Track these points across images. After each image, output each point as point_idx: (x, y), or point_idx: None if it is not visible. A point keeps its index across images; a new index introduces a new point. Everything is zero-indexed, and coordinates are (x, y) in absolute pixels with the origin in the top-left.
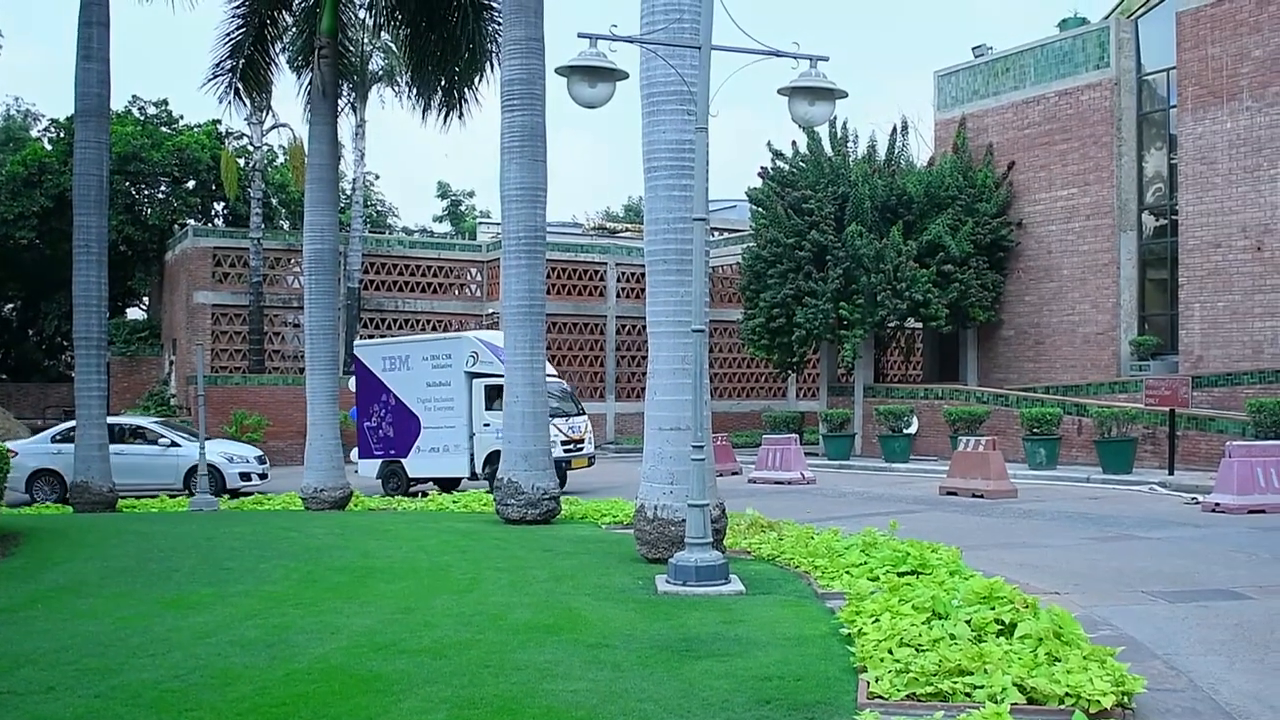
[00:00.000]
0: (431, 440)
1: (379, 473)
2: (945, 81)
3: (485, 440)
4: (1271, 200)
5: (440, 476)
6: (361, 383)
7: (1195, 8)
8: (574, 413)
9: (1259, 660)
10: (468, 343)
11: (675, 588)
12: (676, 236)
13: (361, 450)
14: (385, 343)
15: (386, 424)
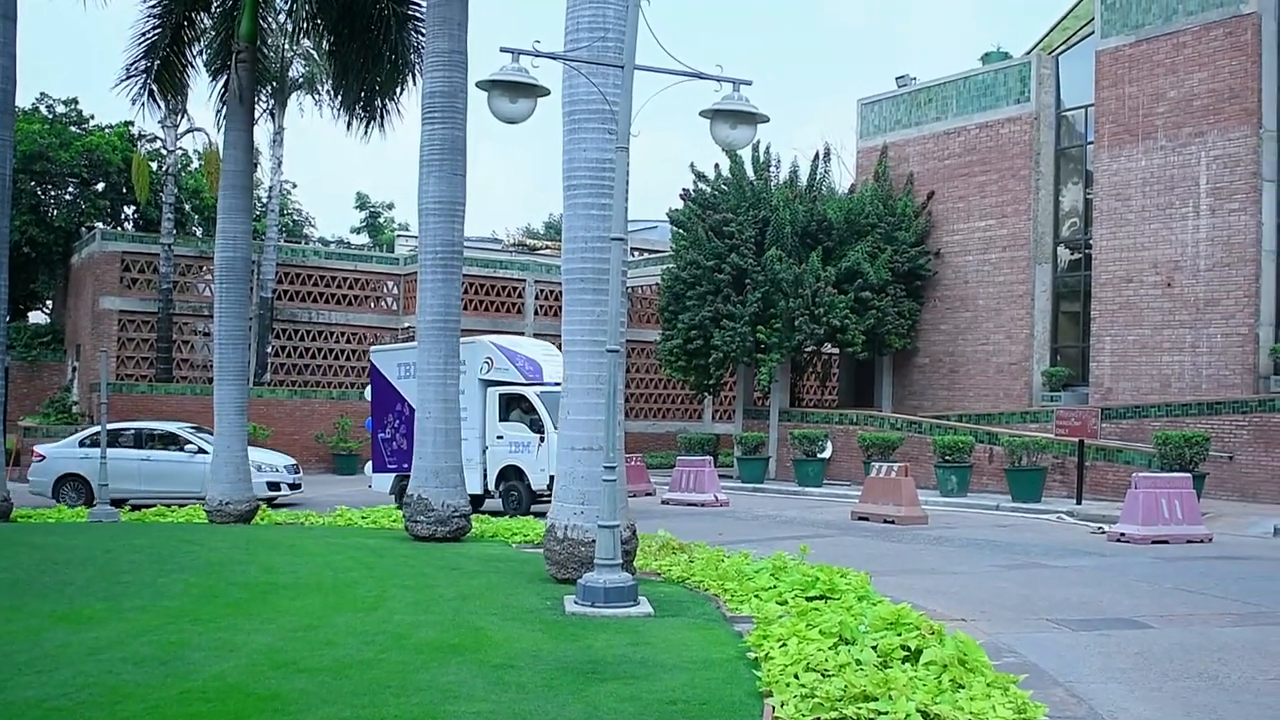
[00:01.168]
0: None
1: (392, 488)
2: (868, 110)
3: (498, 455)
4: (1182, 238)
5: None
6: (377, 391)
7: (1114, 48)
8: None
9: (1157, 688)
10: (482, 348)
11: (583, 609)
12: (594, 255)
13: (375, 463)
14: (401, 347)
15: (400, 435)
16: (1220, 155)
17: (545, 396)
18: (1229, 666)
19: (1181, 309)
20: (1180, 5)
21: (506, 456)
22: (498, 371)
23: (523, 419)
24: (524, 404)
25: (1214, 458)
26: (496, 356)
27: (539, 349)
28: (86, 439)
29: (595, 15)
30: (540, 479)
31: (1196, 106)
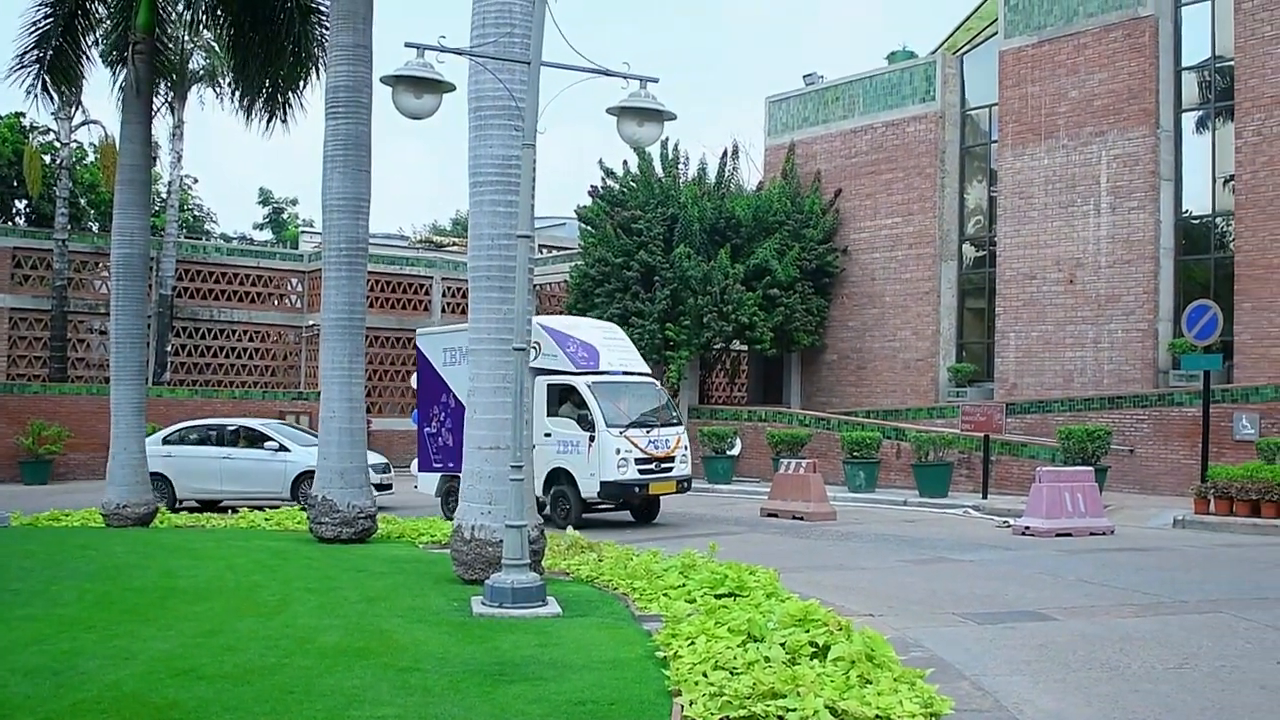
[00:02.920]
0: None
1: (438, 489)
2: (776, 108)
3: (546, 455)
4: (1084, 235)
5: None
6: (423, 380)
7: (1017, 48)
8: (659, 423)
9: (1061, 679)
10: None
11: (491, 610)
12: (500, 253)
13: (421, 461)
14: (446, 330)
15: (446, 430)
16: (1120, 154)
17: (600, 387)
18: (1129, 656)
19: (1083, 305)
20: (1081, 7)
21: (554, 458)
22: (545, 358)
23: (573, 414)
24: (575, 396)
25: (1115, 451)
26: (545, 340)
27: (599, 332)
28: (171, 435)
29: (502, 11)
30: (590, 485)
31: (1097, 106)
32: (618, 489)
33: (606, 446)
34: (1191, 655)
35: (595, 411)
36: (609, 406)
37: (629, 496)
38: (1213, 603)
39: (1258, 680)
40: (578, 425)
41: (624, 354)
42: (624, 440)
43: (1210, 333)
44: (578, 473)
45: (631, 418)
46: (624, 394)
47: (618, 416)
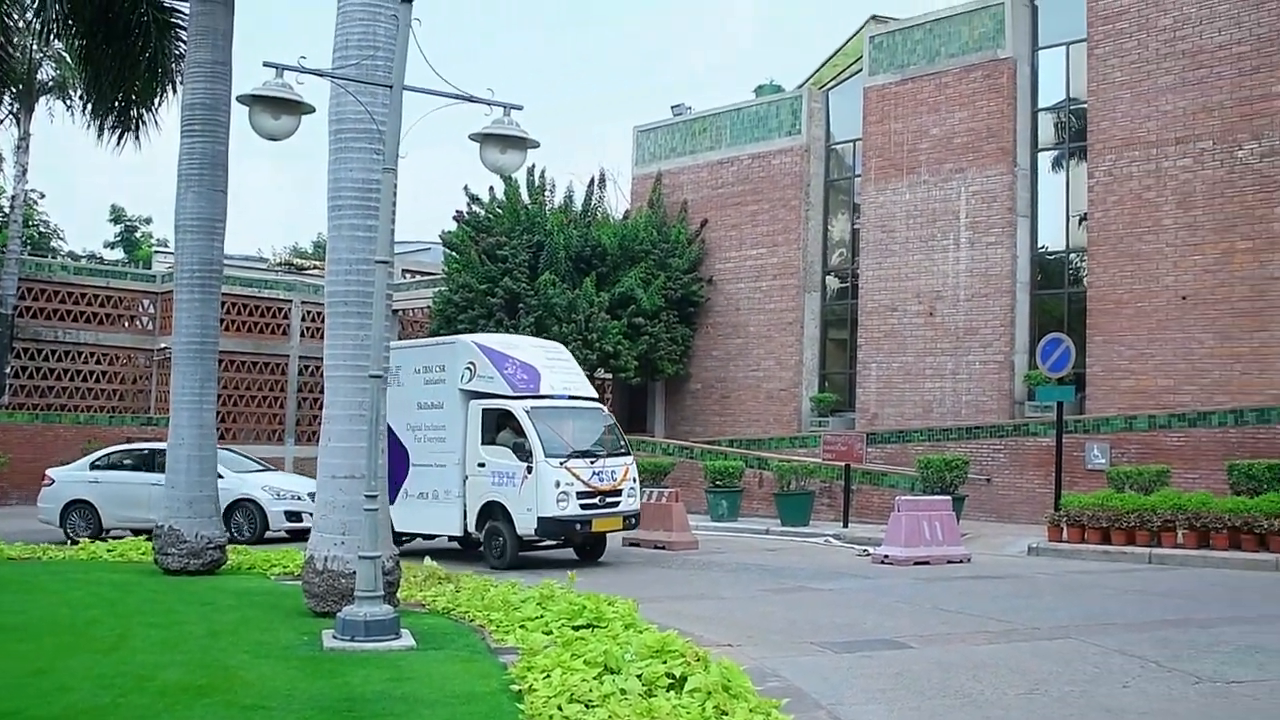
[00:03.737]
0: (420, 482)
1: None
2: (644, 137)
3: (480, 487)
4: (943, 269)
5: (428, 533)
6: None
7: (881, 85)
8: (605, 453)
9: (916, 707)
10: (464, 349)
11: (342, 643)
12: (359, 278)
13: None
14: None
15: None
16: (979, 191)
17: (540, 413)
18: (983, 683)
19: (943, 337)
20: (943, 48)
21: (489, 490)
22: (481, 380)
23: (510, 442)
24: (512, 423)
25: (973, 480)
26: (480, 361)
27: (541, 352)
28: (100, 460)
29: (366, 34)
30: (527, 521)
31: (957, 144)
32: (557, 526)
33: (545, 478)
34: (1042, 681)
35: (534, 440)
36: (549, 434)
37: (570, 534)
38: (1063, 629)
39: (1104, 704)
40: (514, 455)
41: (568, 376)
42: (565, 472)
43: (1063, 365)
44: (513, 507)
45: (574, 447)
46: (567, 420)
47: (559, 445)
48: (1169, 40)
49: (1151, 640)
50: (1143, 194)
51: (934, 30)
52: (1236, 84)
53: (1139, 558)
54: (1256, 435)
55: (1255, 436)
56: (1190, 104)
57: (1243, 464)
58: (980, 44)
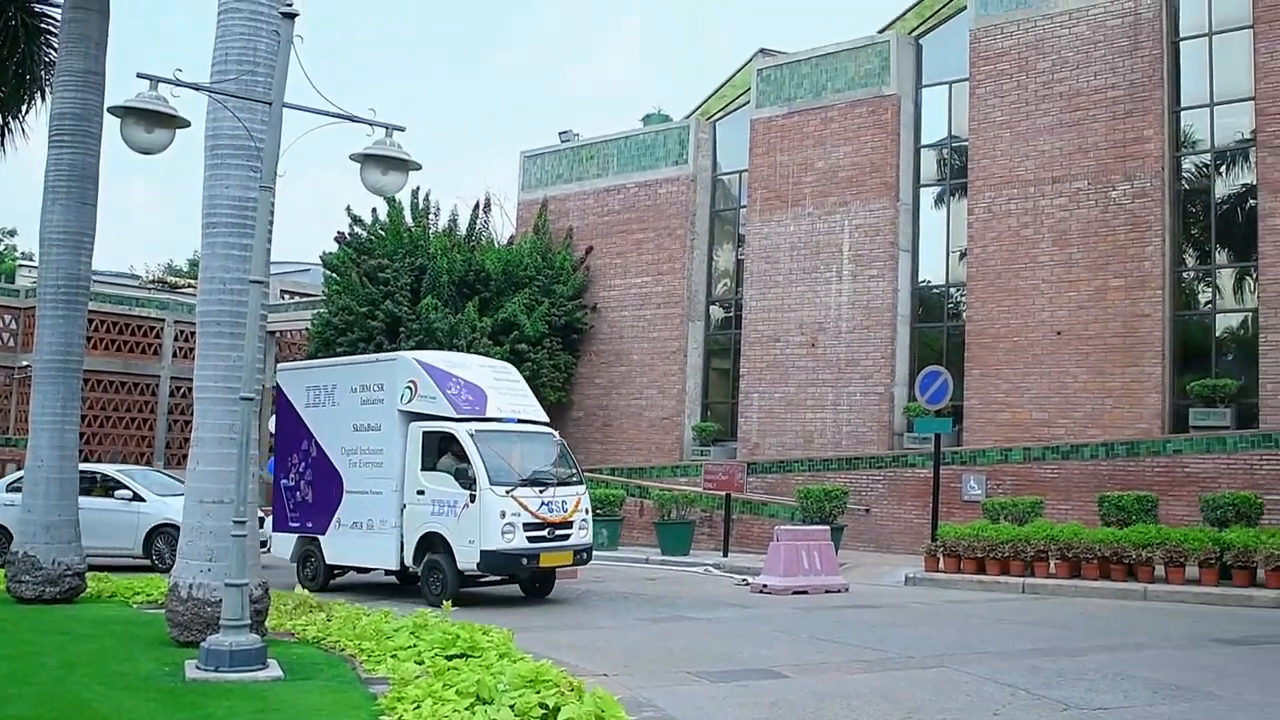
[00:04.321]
0: (354, 510)
1: (294, 553)
2: (531, 163)
3: (419, 516)
4: (826, 301)
5: (362, 565)
6: (282, 422)
7: (768, 118)
8: (555, 481)
9: None
10: (404, 367)
11: (206, 674)
12: (233, 298)
13: (276, 519)
14: (311, 365)
15: (305, 483)
16: (862, 224)
17: (485, 437)
18: (856, 712)
19: (824, 368)
20: (829, 83)
21: (428, 520)
22: (422, 401)
23: (452, 468)
24: (455, 447)
25: (852, 510)
26: (422, 379)
27: (488, 372)
28: (16, 481)
29: (246, 49)
30: (469, 554)
31: (842, 178)
32: (502, 560)
33: (489, 508)
34: (915, 709)
35: (477, 465)
36: (495, 460)
37: (514, 569)
38: (937, 658)
39: None
40: (456, 482)
41: (517, 398)
42: (511, 501)
43: (941, 397)
44: (455, 539)
45: (522, 474)
46: (514, 445)
47: (505, 472)
48: (1047, 83)
49: (1022, 669)
50: (1020, 231)
51: (821, 65)
52: (1111, 127)
53: (1013, 588)
54: (1126, 468)
55: (1125, 469)
56: (1067, 145)
57: (1113, 496)
58: (866, 80)
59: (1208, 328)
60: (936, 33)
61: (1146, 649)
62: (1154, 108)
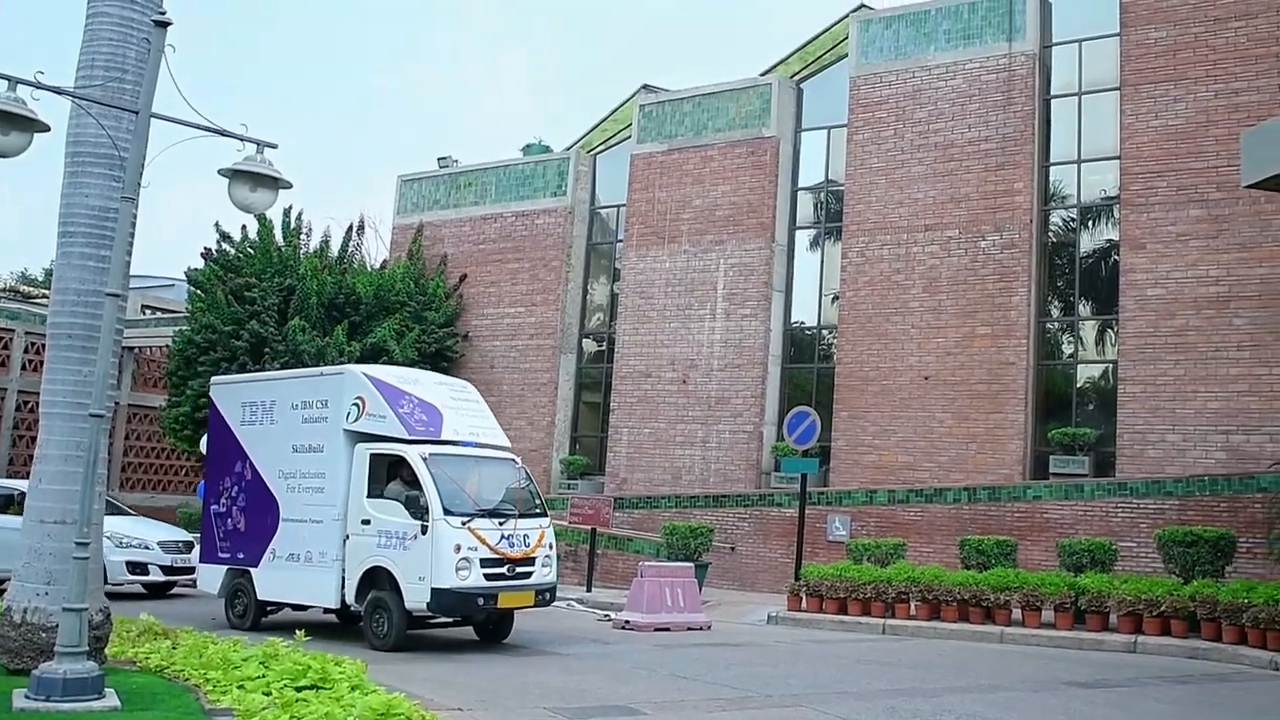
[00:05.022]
0: (291, 541)
1: (223, 587)
2: (408, 187)
3: (363, 548)
4: (699, 338)
5: (298, 603)
6: (214, 441)
7: (648, 153)
8: (516, 512)
9: None
10: (351, 382)
11: (36, 704)
12: (87, 310)
13: (205, 549)
14: (249, 379)
15: (238, 509)
16: (737, 264)
17: (440, 462)
18: None
19: (695, 405)
20: (710, 122)
21: (374, 553)
22: (370, 420)
23: (401, 495)
24: (406, 472)
25: (717, 548)
26: (370, 396)
27: (444, 390)
28: None
29: (114, 55)
30: (418, 592)
31: (719, 216)
32: (455, 599)
33: (443, 541)
34: None
35: (431, 493)
36: (450, 487)
37: (469, 610)
38: (795, 697)
39: None
40: (406, 511)
41: (476, 420)
42: (467, 534)
43: (809, 438)
44: (403, 575)
45: (480, 504)
46: (472, 472)
47: (461, 501)
48: (924, 132)
49: (879, 709)
50: (892, 276)
51: (703, 104)
52: (983, 178)
53: (874, 628)
54: (988, 512)
55: (986, 513)
56: (940, 194)
57: (974, 539)
58: (746, 121)
59: (1070, 377)
60: (818, 78)
61: (1001, 690)
62: (1025, 162)
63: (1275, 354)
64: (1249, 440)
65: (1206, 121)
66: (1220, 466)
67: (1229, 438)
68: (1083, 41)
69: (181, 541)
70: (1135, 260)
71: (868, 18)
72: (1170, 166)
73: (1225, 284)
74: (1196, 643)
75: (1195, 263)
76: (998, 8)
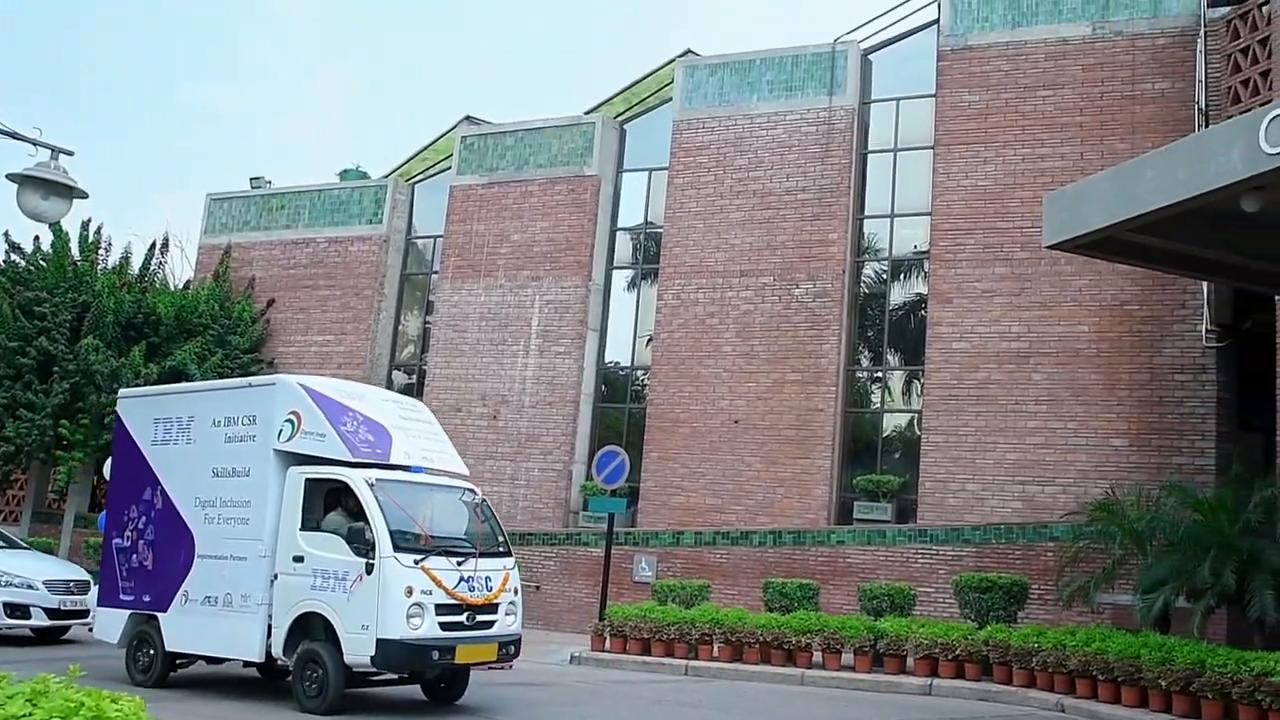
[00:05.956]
0: (208, 581)
1: (124, 635)
2: (217, 206)
3: (294, 590)
4: (511, 374)
5: (215, 655)
6: (120, 464)
7: (468, 185)
8: (477, 550)
9: None
10: (285, 394)
11: None
12: None
13: (103, 590)
14: (163, 391)
15: (145, 544)
16: (553, 301)
17: (389, 489)
18: None
19: (505, 441)
20: (532, 157)
21: (307, 596)
22: (307, 439)
23: (342, 528)
24: (348, 501)
25: (523, 587)
26: (307, 411)
27: (393, 408)
28: None
29: None
30: (361, 644)
31: (536, 252)
32: (405, 653)
33: (392, 583)
34: None
35: (378, 526)
36: (401, 519)
37: (422, 664)
38: None
39: None
40: (348, 546)
41: (429, 443)
42: (420, 574)
43: (618, 477)
44: (342, 623)
45: (436, 540)
46: (425, 502)
47: (413, 536)
48: (743, 179)
49: None
50: (706, 320)
51: (525, 139)
52: (799, 227)
53: (677, 669)
54: (792, 555)
55: (791, 557)
56: (756, 241)
57: (777, 582)
58: (569, 159)
59: (877, 425)
60: (642, 120)
61: None
62: (840, 213)
63: (1070, 409)
64: (1043, 491)
65: (1014, 183)
66: (1016, 516)
67: (1025, 488)
68: (900, 100)
69: (73, 581)
70: (942, 314)
71: (694, 63)
72: (978, 225)
73: (1026, 340)
74: (989, 685)
75: (999, 318)
76: (820, 62)
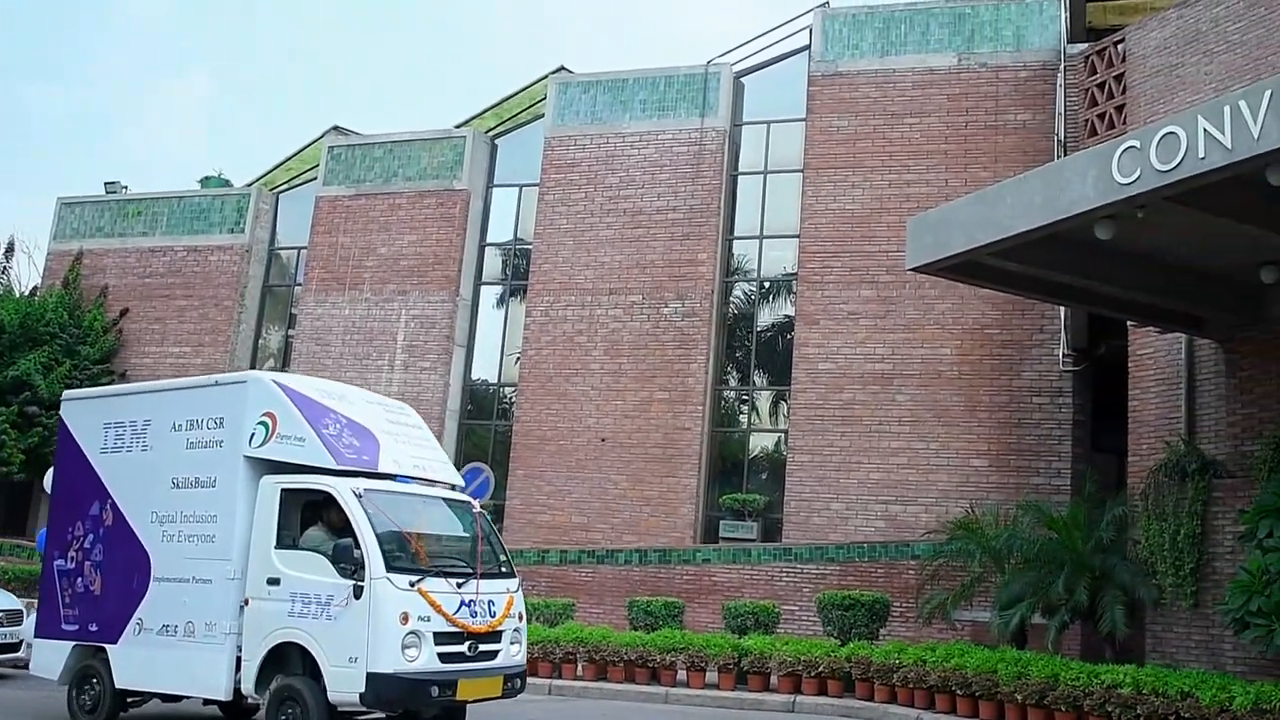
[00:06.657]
0: (165, 607)
1: (66, 671)
2: (68, 211)
3: (269, 617)
4: (376, 389)
5: (172, 692)
6: (63, 475)
7: (334, 196)
8: (478, 571)
9: None
10: (257, 393)
11: None
12: None
13: (42, 619)
14: (115, 392)
15: (92, 565)
16: (420, 315)
17: (378, 501)
18: None
19: None
20: (400, 170)
21: (285, 624)
22: (283, 444)
23: (325, 544)
24: (332, 514)
25: None
26: (284, 411)
27: (379, 410)
28: None
29: None
30: (348, 678)
31: (404, 266)
32: (401, 688)
33: (385, 607)
34: None
35: (368, 542)
36: (393, 536)
37: (419, 702)
38: None
39: None
40: (333, 566)
41: (420, 450)
42: (417, 598)
43: (482, 495)
44: (326, 654)
45: (433, 560)
46: (419, 516)
47: (408, 555)
48: (614, 198)
49: None
50: (575, 337)
51: (394, 151)
52: (668, 247)
53: (540, 689)
54: (658, 574)
55: (657, 575)
56: (626, 259)
57: (642, 600)
58: (438, 172)
59: (743, 445)
60: (513, 135)
61: None
62: (710, 234)
63: (932, 430)
64: (906, 510)
65: (880, 208)
66: (879, 534)
67: (888, 507)
68: (771, 123)
69: (3, 611)
70: (809, 335)
71: (567, 80)
72: (845, 248)
73: (890, 361)
74: (851, 702)
75: (864, 340)
76: (693, 83)
